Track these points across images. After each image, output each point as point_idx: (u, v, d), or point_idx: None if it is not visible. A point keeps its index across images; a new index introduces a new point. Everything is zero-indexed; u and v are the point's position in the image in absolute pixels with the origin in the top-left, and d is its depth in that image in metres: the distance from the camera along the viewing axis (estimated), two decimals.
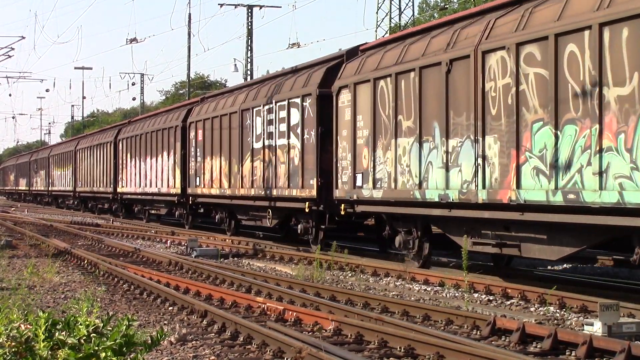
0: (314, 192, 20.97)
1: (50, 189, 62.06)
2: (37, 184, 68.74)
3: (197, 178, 30.14)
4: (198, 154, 30.07)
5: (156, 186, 35.52)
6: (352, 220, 21.18)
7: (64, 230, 31.25)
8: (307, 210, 21.18)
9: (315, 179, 20.94)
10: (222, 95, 30.21)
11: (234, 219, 28.11)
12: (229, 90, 30.83)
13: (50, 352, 5.10)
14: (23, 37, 49.27)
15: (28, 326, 5.34)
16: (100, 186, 45.64)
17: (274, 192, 23.20)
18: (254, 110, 24.84)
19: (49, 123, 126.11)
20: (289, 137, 22.60)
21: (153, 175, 36.10)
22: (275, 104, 23.41)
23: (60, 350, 5.08)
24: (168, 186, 33.79)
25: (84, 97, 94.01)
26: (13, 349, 5.16)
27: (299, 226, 22.14)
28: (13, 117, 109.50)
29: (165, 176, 34.30)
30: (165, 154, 34.47)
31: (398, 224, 17.96)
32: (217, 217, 29.19)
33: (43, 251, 22.70)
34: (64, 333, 5.20)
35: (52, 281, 16.14)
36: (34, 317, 5.40)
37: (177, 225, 34.04)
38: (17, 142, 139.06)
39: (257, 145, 24.65)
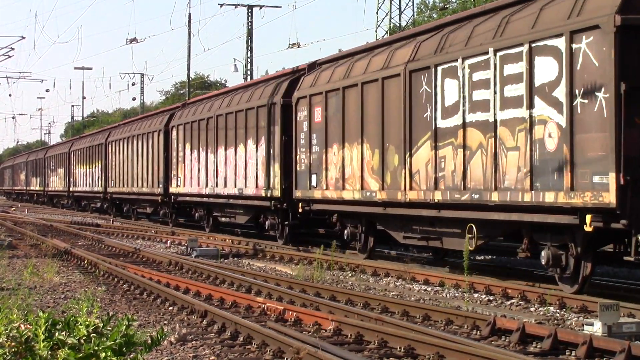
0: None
1: (71, 189, 55.10)
2: (55, 184, 60.59)
3: (314, 176, 21.27)
4: (314, 141, 21.29)
5: (235, 186, 26.52)
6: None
7: (64, 230, 31.25)
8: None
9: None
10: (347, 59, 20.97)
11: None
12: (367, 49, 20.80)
13: (50, 352, 5.10)
14: (23, 37, 49.24)
15: (28, 326, 5.33)
16: (143, 186, 37.18)
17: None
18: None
19: (49, 123, 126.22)
20: None
21: (228, 171, 27.42)
22: None
23: (60, 350, 5.08)
24: (257, 187, 24.81)
25: (84, 97, 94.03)
26: (13, 349, 5.15)
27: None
28: (13, 117, 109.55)
29: (251, 173, 25.46)
30: (250, 142, 25.64)
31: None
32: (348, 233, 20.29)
33: (43, 251, 22.70)
34: (64, 333, 5.19)
35: (52, 281, 16.14)
36: (34, 317, 5.40)
37: (268, 239, 25.30)
38: (17, 142, 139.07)
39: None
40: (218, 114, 27.77)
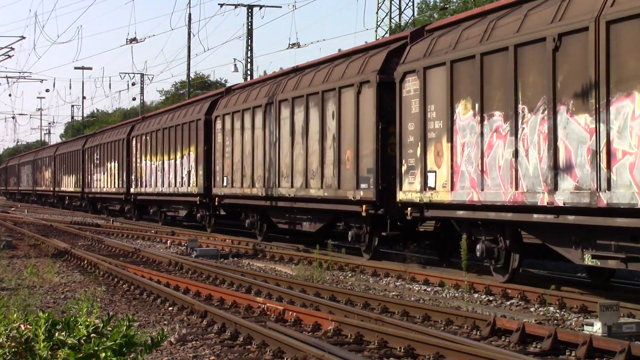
0: None
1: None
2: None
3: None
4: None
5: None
6: None
7: (64, 231, 31.25)
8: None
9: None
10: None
11: None
12: None
13: (50, 352, 5.09)
14: (23, 37, 49.27)
15: (28, 326, 5.33)
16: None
17: None
18: None
19: (49, 123, 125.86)
20: None
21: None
22: None
23: (60, 351, 5.08)
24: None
25: (84, 97, 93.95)
26: (13, 349, 5.15)
27: None
28: (13, 117, 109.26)
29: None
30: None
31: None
32: None
33: (43, 251, 22.70)
34: (64, 333, 5.19)
35: (52, 281, 16.14)
36: (34, 317, 5.40)
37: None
38: (17, 142, 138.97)
39: None
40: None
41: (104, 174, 44.03)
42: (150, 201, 37.35)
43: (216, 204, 28.38)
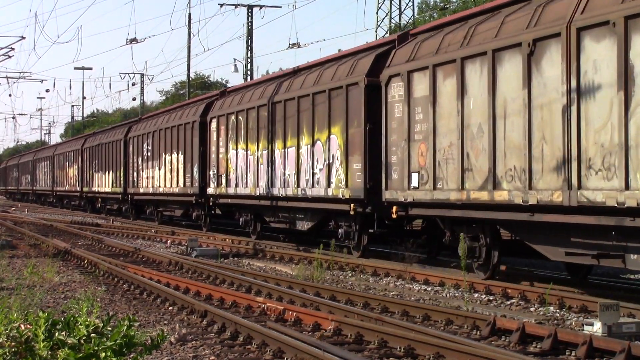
0: None
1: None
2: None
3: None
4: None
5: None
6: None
7: (64, 230, 31.25)
8: None
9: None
10: None
11: None
12: None
13: (50, 352, 5.10)
14: (23, 37, 49.38)
15: (28, 326, 5.34)
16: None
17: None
18: None
19: (49, 123, 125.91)
20: None
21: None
22: None
23: (60, 350, 5.08)
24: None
25: (84, 97, 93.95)
26: (13, 349, 5.16)
27: None
28: (13, 117, 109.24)
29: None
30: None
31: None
32: None
33: (43, 251, 22.71)
34: (64, 333, 5.20)
35: (52, 281, 16.14)
36: (34, 317, 5.40)
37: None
38: (17, 142, 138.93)
39: None
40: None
41: (159, 169, 34.70)
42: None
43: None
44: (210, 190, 28.42)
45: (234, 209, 27.83)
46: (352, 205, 19.12)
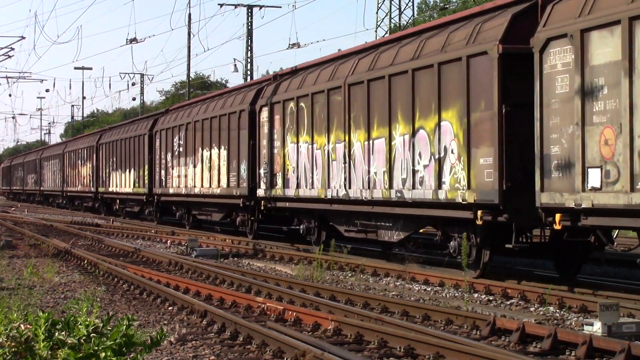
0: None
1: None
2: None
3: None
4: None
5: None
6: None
7: (64, 230, 31.25)
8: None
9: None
10: None
11: None
12: None
13: (50, 352, 5.10)
14: (23, 37, 49.37)
15: (28, 326, 5.34)
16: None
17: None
18: None
19: (49, 123, 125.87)
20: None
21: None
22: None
23: (60, 350, 5.08)
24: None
25: (84, 97, 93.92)
26: (13, 349, 5.16)
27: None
28: (13, 117, 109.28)
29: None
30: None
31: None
32: None
33: (43, 251, 22.71)
34: (63, 333, 5.20)
35: (52, 281, 16.14)
36: (34, 317, 5.40)
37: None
38: (17, 142, 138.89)
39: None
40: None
41: (195, 166, 30.04)
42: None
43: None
44: (261, 192, 24.16)
45: (292, 213, 23.38)
46: (479, 212, 14.83)
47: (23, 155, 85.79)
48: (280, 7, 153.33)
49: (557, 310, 12.30)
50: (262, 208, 24.36)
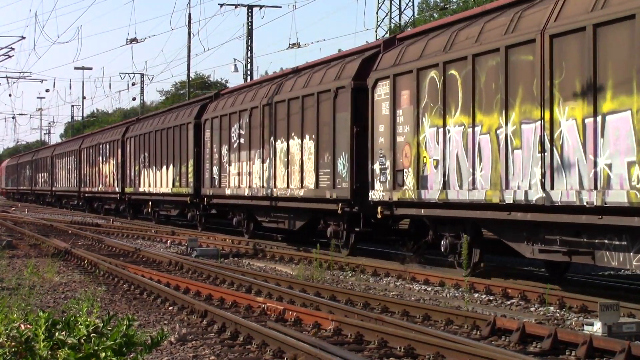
0: None
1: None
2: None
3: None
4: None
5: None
6: None
7: (64, 230, 31.25)
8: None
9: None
10: None
11: None
12: None
13: (50, 352, 5.10)
14: (23, 37, 49.35)
15: (28, 326, 5.34)
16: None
17: None
18: None
19: (49, 123, 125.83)
20: None
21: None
22: None
23: (60, 350, 5.08)
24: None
25: (84, 97, 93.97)
26: (13, 349, 5.16)
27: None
28: (13, 117, 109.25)
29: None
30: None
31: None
32: None
33: (43, 251, 22.70)
34: (64, 333, 5.20)
35: (52, 281, 16.14)
36: (34, 317, 5.40)
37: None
38: (17, 142, 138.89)
39: None
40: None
41: (261, 161, 24.32)
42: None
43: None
44: (377, 195, 18.00)
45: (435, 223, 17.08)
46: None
47: (31, 152, 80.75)
48: (280, 7, 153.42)
49: (557, 310, 12.30)
50: (379, 216, 18.25)
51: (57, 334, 5.18)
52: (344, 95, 19.61)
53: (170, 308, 12.80)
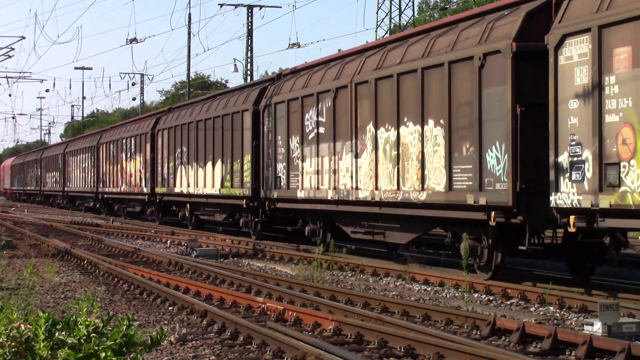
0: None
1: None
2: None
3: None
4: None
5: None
6: None
7: (64, 230, 31.25)
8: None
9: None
10: None
11: None
12: None
13: (50, 352, 5.10)
14: (23, 37, 49.38)
15: (28, 326, 5.34)
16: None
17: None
18: None
19: (49, 123, 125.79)
20: None
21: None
22: None
23: (60, 350, 5.08)
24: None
25: (84, 97, 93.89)
26: (13, 349, 5.16)
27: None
28: (13, 117, 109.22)
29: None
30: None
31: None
32: None
33: (43, 251, 22.70)
34: (64, 333, 5.20)
35: (52, 281, 16.14)
36: (34, 317, 5.40)
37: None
38: (17, 142, 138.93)
39: None
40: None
41: (354, 156, 19.09)
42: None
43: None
44: (569, 199, 12.80)
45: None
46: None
47: (38, 150, 75.36)
48: (280, 7, 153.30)
49: (557, 310, 12.30)
50: (572, 230, 12.96)
51: (57, 334, 5.18)
52: (499, 62, 14.39)
53: (170, 308, 12.79)
